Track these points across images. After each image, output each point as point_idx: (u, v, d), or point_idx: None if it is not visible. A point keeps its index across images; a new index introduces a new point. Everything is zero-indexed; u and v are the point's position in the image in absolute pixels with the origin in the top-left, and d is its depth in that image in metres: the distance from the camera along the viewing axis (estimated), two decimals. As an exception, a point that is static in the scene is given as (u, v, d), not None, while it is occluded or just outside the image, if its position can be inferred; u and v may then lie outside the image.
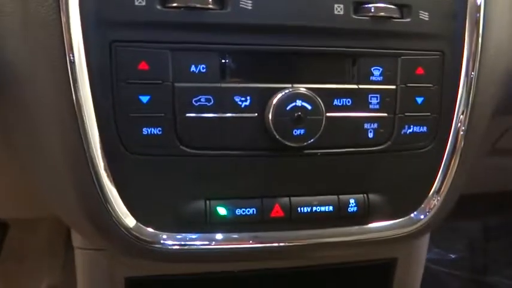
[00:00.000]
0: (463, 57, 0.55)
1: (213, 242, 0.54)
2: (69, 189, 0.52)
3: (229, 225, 0.54)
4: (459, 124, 0.57)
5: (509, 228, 1.50)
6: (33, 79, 0.49)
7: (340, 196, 0.56)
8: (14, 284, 1.18)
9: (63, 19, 0.47)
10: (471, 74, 0.56)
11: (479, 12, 0.55)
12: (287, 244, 0.56)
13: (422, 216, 0.59)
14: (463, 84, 0.56)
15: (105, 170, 0.50)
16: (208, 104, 0.50)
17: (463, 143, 0.57)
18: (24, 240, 1.16)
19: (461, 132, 0.57)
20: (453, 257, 1.53)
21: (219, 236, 0.54)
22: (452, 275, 1.51)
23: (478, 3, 0.55)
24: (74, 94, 0.48)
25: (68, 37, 0.47)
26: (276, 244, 0.56)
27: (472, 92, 0.56)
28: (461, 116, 0.57)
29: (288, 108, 0.51)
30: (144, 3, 0.47)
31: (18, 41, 0.49)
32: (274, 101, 0.51)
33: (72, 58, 0.47)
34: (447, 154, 0.57)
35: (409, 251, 0.74)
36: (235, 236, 0.54)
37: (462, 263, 1.52)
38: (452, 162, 0.58)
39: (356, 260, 0.70)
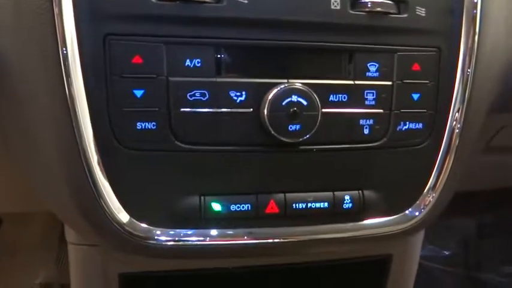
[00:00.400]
0: (459, 53, 0.55)
1: (208, 238, 0.54)
2: (62, 184, 0.52)
3: (223, 221, 0.53)
4: (455, 121, 0.57)
5: (503, 225, 1.51)
6: (25, 73, 0.49)
7: (335, 192, 0.55)
8: (7, 278, 1.17)
9: (56, 11, 0.46)
10: (467, 71, 0.56)
11: (476, 8, 0.55)
12: (282, 240, 0.56)
13: (417, 213, 0.59)
14: (459, 81, 0.56)
15: (98, 164, 0.49)
16: (203, 99, 0.50)
17: (458, 140, 0.57)
18: (17, 235, 1.16)
19: (457, 129, 0.57)
20: (447, 254, 1.53)
21: (213, 232, 0.54)
22: (446, 272, 1.51)
23: (475, 0, 0.55)
24: (67, 88, 0.47)
25: (60, 30, 0.46)
26: (270, 240, 0.55)
27: (468, 88, 0.56)
28: (457, 113, 0.57)
29: (283, 103, 0.50)
30: None
31: (10, 34, 0.48)
32: (270, 96, 0.50)
33: (65, 51, 0.46)
34: (442, 151, 0.57)
35: (404, 247, 0.74)
36: (229, 232, 0.54)
37: (456, 260, 1.52)
38: (447, 159, 0.58)
39: (351, 256, 0.70)
